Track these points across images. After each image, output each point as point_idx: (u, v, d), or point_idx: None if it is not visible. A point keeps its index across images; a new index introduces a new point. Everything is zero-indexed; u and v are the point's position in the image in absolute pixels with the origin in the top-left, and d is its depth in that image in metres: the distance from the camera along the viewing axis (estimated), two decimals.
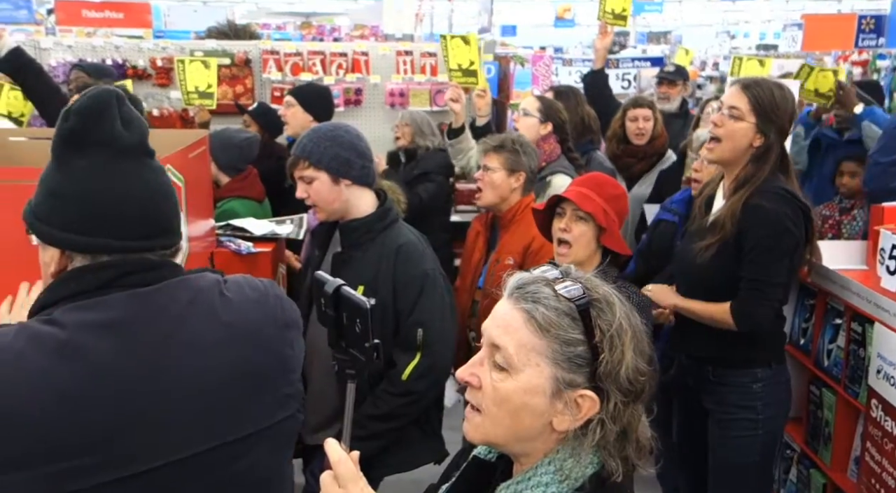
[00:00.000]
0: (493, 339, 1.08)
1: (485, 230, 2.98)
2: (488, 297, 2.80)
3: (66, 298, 1.17)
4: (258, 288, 1.34)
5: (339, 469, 1.07)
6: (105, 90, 1.21)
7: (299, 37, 8.73)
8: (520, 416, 1.06)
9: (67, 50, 5.02)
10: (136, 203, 1.19)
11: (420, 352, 2.19)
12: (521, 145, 2.83)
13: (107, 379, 1.12)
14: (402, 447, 2.27)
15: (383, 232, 2.28)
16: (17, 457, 1.08)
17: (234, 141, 3.43)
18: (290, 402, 1.32)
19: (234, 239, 2.63)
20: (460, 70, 3.81)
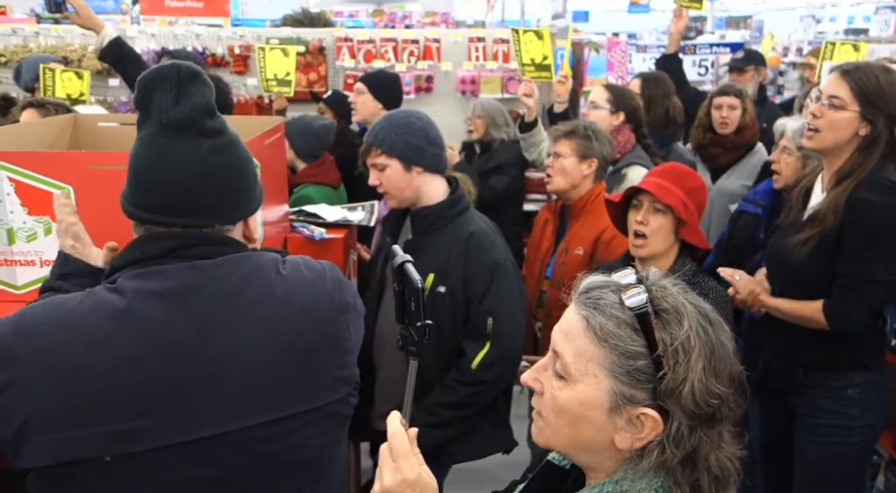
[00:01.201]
0: (554, 344, 1.05)
1: (554, 218, 2.94)
2: (556, 288, 2.76)
3: (131, 263, 1.22)
4: (315, 269, 1.35)
5: (392, 443, 1.08)
6: (170, 64, 1.24)
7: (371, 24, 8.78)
8: (578, 427, 1.02)
9: (151, 38, 5.20)
10: (166, 178, 1.20)
11: (490, 341, 2.18)
12: (593, 132, 2.78)
13: (161, 348, 1.16)
14: (471, 436, 2.27)
15: (454, 219, 2.28)
16: (76, 415, 1.12)
17: (311, 128, 3.49)
18: (341, 385, 1.32)
19: (308, 225, 2.67)
20: (533, 65, 3.76)
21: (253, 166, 1.32)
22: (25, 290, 1.85)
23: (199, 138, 1.22)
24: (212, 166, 1.22)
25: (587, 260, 2.67)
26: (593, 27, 13.45)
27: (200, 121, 1.22)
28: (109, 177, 1.75)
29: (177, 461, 1.16)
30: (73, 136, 2.44)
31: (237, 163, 1.26)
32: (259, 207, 1.33)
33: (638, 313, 0.98)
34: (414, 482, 1.05)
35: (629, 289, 1.01)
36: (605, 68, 4.83)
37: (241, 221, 1.30)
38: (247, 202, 1.29)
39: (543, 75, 3.77)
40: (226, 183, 1.24)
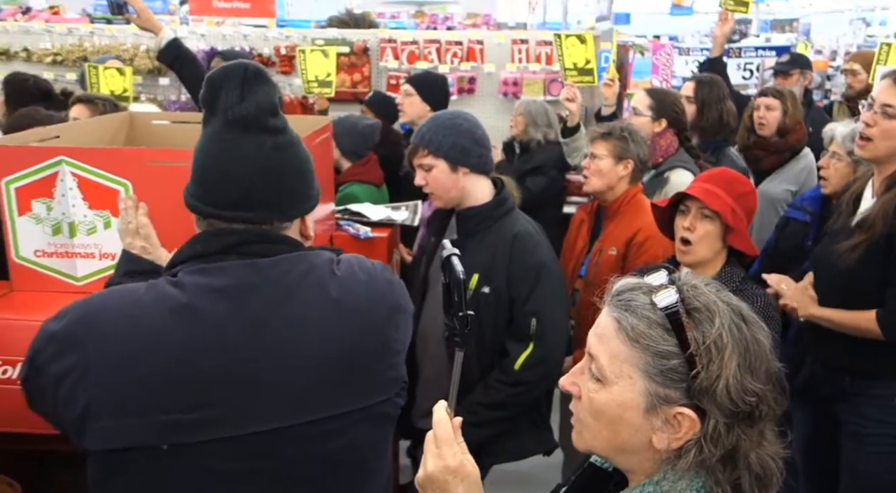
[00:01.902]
0: (589, 347, 1.05)
1: (589, 219, 2.94)
2: (589, 287, 2.76)
3: (192, 258, 1.26)
4: (368, 269, 1.37)
5: (437, 430, 1.09)
6: (238, 62, 1.27)
7: (413, 25, 8.83)
8: (616, 429, 1.02)
9: (201, 39, 5.30)
10: (230, 174, 1.23)
11: (533, 342, 2.19)
12: (629, 133, 2.77)
13: (218, 343, 1.19)
14: (512, 437, 2.28)
15: (499, 220, 2.29)
16: (134, 403, 1.16)
17: (357, 127, 3.53)
18: (391, 385, 1.34)
19: (353, 223, 2.70)
20: (575, 69, 3.76)
21: (311, 165, 1.34)
22: (85, 281, 1.91)
23: (263, 135, 1.24)
24: (273, 163, 1.25)
25: (620, 261, 2.67)
26: (634, 30, 13.32)
27: (264, 118, 1.24)
28: (165, 173, 1.82)
29: (231, 453, 1.19)
30: (129, 133, 2.51)
31: (297, 161, 1.29)
32: (316, 206, 1.36)
33: (668, 312, 0.99)
34: (456, 470, 1.06)
35: (660, 290, 1.01)
36: (650, 71, 4.79)
37: (298, 219, 1.33)
38: (305, 200, 1.32)
39: (586, 80, 3.76)
40: (286, 180, 1.27)
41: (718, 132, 3.58)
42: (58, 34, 5.43)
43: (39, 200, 1.84)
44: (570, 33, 3.84)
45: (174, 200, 1.69)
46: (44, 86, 3.76)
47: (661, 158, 3.12)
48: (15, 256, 1.88)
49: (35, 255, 1.88)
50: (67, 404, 1.17)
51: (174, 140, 2.46)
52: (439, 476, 1.06)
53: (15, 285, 1.89)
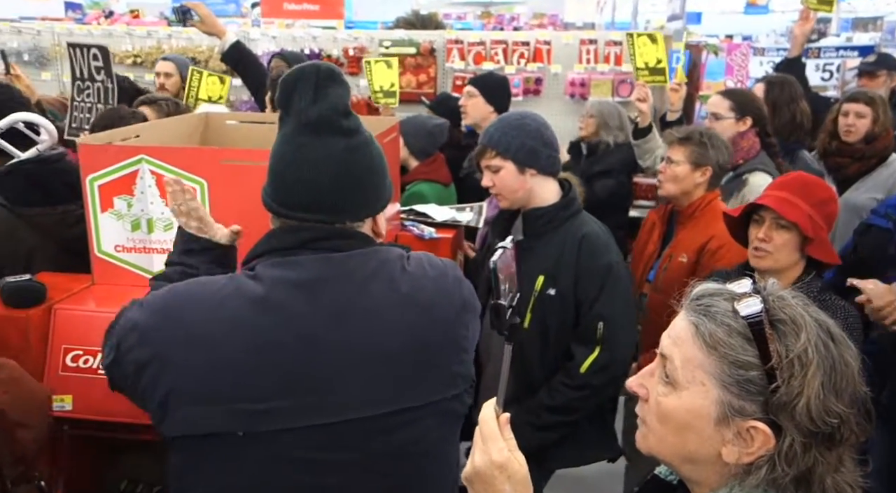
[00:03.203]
0: (662, 349, 1.03)
1: (661, 223, 2.87)
2: (657, 292, 2.70)
3: (268, 252, 1.29)
4: (438, 266, 1.38)
5: (482, 427, 1.08)
6: (310, 64, 1.29)
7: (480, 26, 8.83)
8: (683, 437, 0.99)
9: (272, 40, 5.42)
10: (302, 176, 1.26)
11: (600, 346, 2.15)
12: (709, 138, 2.69)
13: (294, 333, 1.22)
14: (575, 442, 2.25)
15: (567, 222, 2.26)
16: (208, 391, 1.20)
17: (426, 127, 3.55)
18: (459, 381, 1.35)
19: (418, 224, 2.72)
20: (647, 69, 3.69)
21: (384, 164, 1.35)
22: None
23: (335, 137, 1.26)
24: (345, 165, 1.27)
25: (691, 268, 2.61)
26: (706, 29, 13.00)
27: (336, 120, 1.26)
28: (238, 171, 1.86)
29: (304, 442, 1.22)
30: (203, 132, 2.58)
31: (369, 162, 1.31)
32: (387, 205, 1.37)
33: (751, 321, 0.95)
34: (502, 465, 1.05)
35: (744, 298, 0.97)
36: (724, 72, 4.66)
37: (369, 218, 1.34)
38: (376, 200, 1.34)
39: (658, 79, 3.69)
40: (358, 182, 1.29)
41: (791, 134, 3.45)
42: (137, 37, 5.65)
43: (121, 197, 1.91)
44: (641, 33, 3.76)
45: (247, 197, 1.74)
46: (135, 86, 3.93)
47: (741, 159, 3.03)
48: (97, 250, 1.96)
49: (115, 250, 1.95)
50: (148, 390, 1.21)
51: (246, 140, 2.52)
52: (485, 471, 1.05)
53: (96, 279, 1.97)
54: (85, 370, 1.73)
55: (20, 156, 2.13)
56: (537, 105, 5.08)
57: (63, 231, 2.13)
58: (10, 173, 2.11)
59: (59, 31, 5.76)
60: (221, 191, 1.88)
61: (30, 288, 1.77)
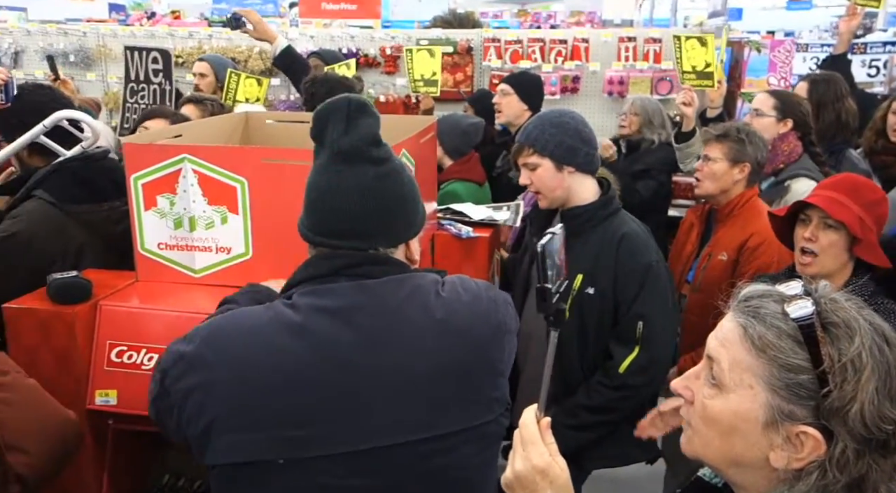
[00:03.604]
0: (709, 350, 1.01)
1: (699, 222, 2.83)
2: (697, 292, 2.66)
3: (305, 280, 1.31)
4: (472, 290, 1.38)
5: (522, 432, 1.08)
6: (342, 97, 1.32)
7: (516, 24, 8.80)
8: (730, 440, 0.97)
9: (310, 40, 5.47)
10: (334, 205, 1.28)
11: (639, 346, 2.13)
12: (747, 135, 2.65)
13: (332, 361, 1.23)
14: (614, 442, 2.23)
15: (605, 220, 2.24)
16: (255, 419, 1.21)
17: (460, 126, 3.55)
18: (495, 406, 1.34)
19: (455, 223, 2.71)
20: (694, 72, 3.62)
21: (415, 192, 1.37)
22: (202, 274, 1.99)
23: (365, 166, 1.29)
24: (376, 193, 1.29)
25: (730, 266, 2.57)
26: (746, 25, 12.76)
27: (367, 149, 1.29)
28: (279, 170, 1.88)
29: (341, 469, 1.23)
30: (244, 132, 2.61)
31: (400, 189, 1.32)
32: (420, 231, 1.38)
33: (802, 324, 0.92)
34: (543, 470, 1.04)
35: (794, 300, 0.95)
36: (767, 69, 4.56)
37: (402, 244, 1.36)
38: (408, 227, 1.35)
39: (705, 84, 3.62)
40: (389, 209, 1.31)
41: (836, 134, 3.36)
42: (179, 37, 5.74)
43: (163, 196, 1.94)
44: (690, 35, 3.69)
45: (286, 196, 1.76)
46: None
47: (781, 163, 2.96)
48: (140, 248, 1.99)
49: (158, 247, 1.99)
50: (192, 420, 1.23)
51: (285, 139, 2.55)
52: (527, 476, 1.05)
53: (140, 276, 2.01)
54: (129, 366, 1.77)
55: (65, 154, 2.18)
56: (575, 103, 5.04)
57: (109, 228, 2.18)
58: (57, 171, 2.15)
59: (103, 33, 5.88)
60: (262, 190, 1.90)
61: (76, 285, 1.81)
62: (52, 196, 2.11)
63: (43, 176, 2.14)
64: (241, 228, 1.93)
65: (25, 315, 1.76)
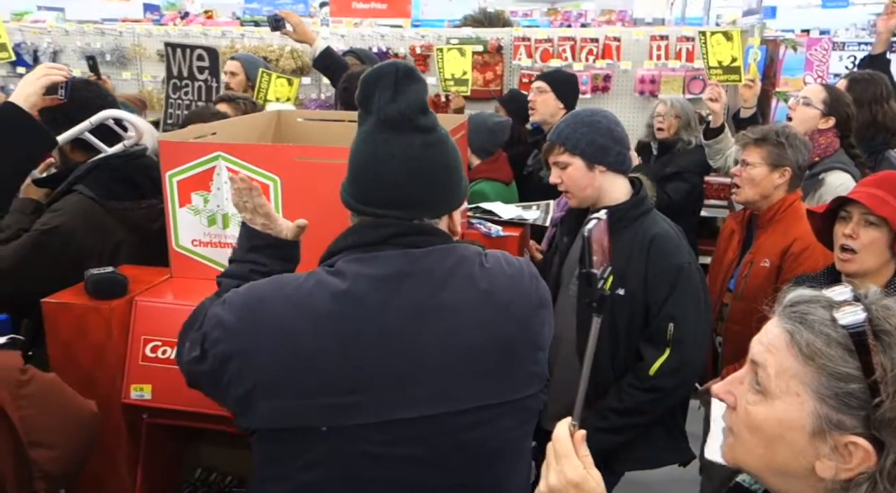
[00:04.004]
0: (754, 356, 0.98)
1: (740, 229, 2.78)
2: (739, 301, 2.62)
3: (348, 248, 1.30)
4: (514, 264, 1.37)
5: (556, 445, 1.07)
6: (390, 63, 1.31)
7: (547, 23, 8.74)
8: (774, 449, 0.94)
9: (341, 39, 5.51)
10: (380, 173, 1.27)
11: (670, 348, 2.10)
12: (786, 138, 2.59)
13: (377, 328, 1.23)
14: (645, 445, 2.21)
15: (637, 221, 2.22)
16: (297, 385, 1.21)
17: (487, 125, 3.54)
18: (535, 380, 1.34)
19: (484, 222, 2.71)
20: (720, 67, 3.58)
21: (460, 163, 1.36)
22: None
23: (412, 134, 1.27)
24: (422, 161, 1.28)
25: (773, 273, 2.52)
26: (781, 24, 12.53)
27: (414, 117, 1.27)
28: (311, 168, 1.89)
29: (384, 437, 1.23)
30: (276, 130, 2.64)
31: (445, 159, 1.31)
32: (463, 203, 1.37)
33: (853, 332, 0.89)
34: (578, 484, 1.03)
35: (844, 306, 0.92)
36: (803, 68, 4.48)
37: (446, 215, 1.35)
38: (453, 197, 1.34)
39: (731, 78, 3.57)
40: (434, 179, 1.29)
41: (876, 135, 3.29)
42: (213, 37, 5.81)
43: (198, 193, 1.96)
44: (715, 30, 3.65)
45: (319, 194, 1.77)
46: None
47: (817, 157, 2.91)
48: (175, 244, 2.02)
49: (192, 244, 2.01)
50: (234, 383, 1.24)
51: (317, 137, 2.56)
52: (561, 490, 1.04)
53: (174, 272, 2.03)
54: (163, 361, 1.79)
55: (107, 151, 2.22)
56: (606, 102, 5.01)
57: (146, 225, 2.21)
58: (98, 167, 2.19)
59: (138, 32, 5.98)
60: (294, 188, 1.92)
61: (113, 280, 1.84)
62: (92, 192, 2.14)
63: (84, 171, 2.18)
64: None
65: (63, 310, 1.80)
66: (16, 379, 1.40)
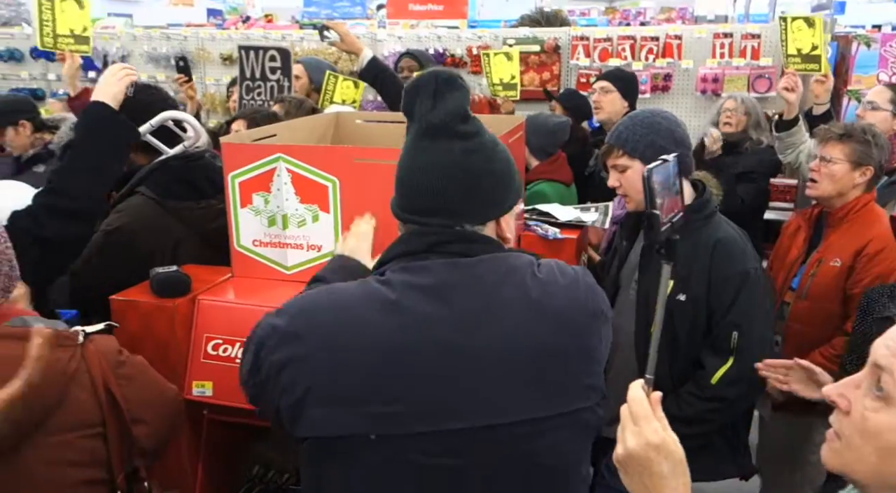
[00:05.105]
0: (878, 359, 0.92)
1: (807, 226, 2.69)
2: (803, 300, 2.53)
3: (397, 256, 1.30)
4: (569, 274, 1.34)
5: (633, 407, 1.05)
6: (431, 71, 1.31)
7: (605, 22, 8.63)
8: (890, 459, 0.89)
9: (398, 41, 5.54)
10: (419, 181, 1.27)
11: (733, 357, 2.04)
12: (873, 136, 2.49)
13: (424, 339, 1.21)
14: (705, 455, 2.13)
15: (699, 225, 2.16)
16: (343, 394, 1.21)
17: (547, 125, 3.51)
18: (591, 393, 1.30)
19: (541, 223, 2.68)
20: (799, 56, 3.42)
21: (508, 168, 1.34)
22: (294, 270, 2.04)
23: (452, 141, 1.27)
24: (461, 169, 1.27)
25: (844, 273, 2.43)
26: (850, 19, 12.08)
27: (454, 124, 1.27)
28: (370, 170, 1.90)
29: (433, 447, 1.22)
30: (335, 132, 2.66)
31: (488, 165, 1.29)
32: (513, 208, 1.36)
33: None
34: (658, 446, 1.01)
35: None
36: (877, 64, 4.30)
37: (492, 221, 1.33)
38: (497, 203, 1.32)
39: (811, 68, 3.40)
40: (474, 185, 1.28)
41: None
42: (273, 40, 5.91)
43: (259, 194, 1.99)
44: (796, 16, 3.49)
45: (376, 195, 1.77)
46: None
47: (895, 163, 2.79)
48: (236, 244, 2.06)
49: (253, 244, 2.05)
50: (285, 391, 1.24)
51: (376, 138, 2.57)
52: (641, 453, 1.01)
53: (235, 271, 2.07)
54: (224, 359, 1.82)
55: (168, 152, 2.28)
56: (665, 102, 4.91)
57: (205, 225, 2.26)
58: (159, 169, 2.26)
59: (202, 37, 6.13)
60: (353, 189, 1.93)
61: (177, 279, 1.88)
62: (154, 193, 2.21)
63: (146, 173, 2.25)
64: (331, 227, 1.97)
65: (130, 307, 1.85)
66: (116, 360, 1.49)
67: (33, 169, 3.71)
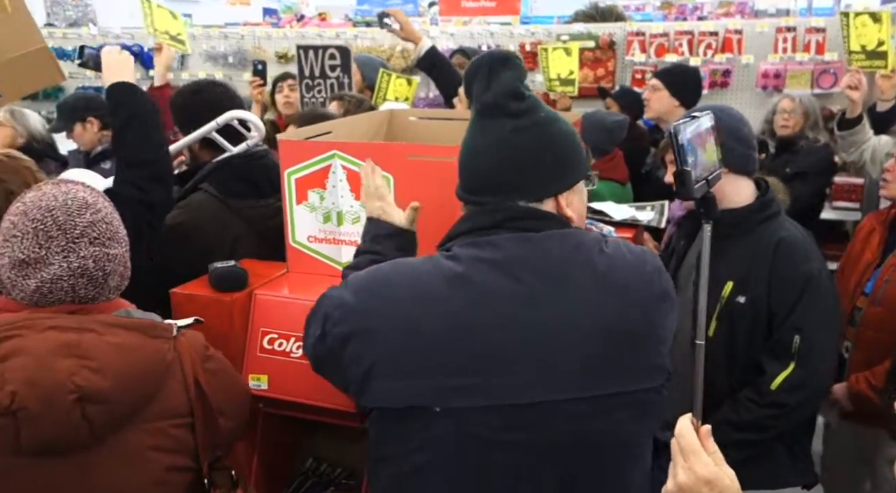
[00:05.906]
0: None
1: (882, 228, 2.58)
2: (879, 305, 2.43)
3: (463, 233, 1.32)
4: (636, 252, 1.34)
5: (681, 442, 1.04)
6: (487, 53, 1.34)
7: (661, 17, 8.46)
8: None
9: (450, 38, 5.54)
10: (471, 160, 1.32)
11: (795, 361, 1.97)
12: None
13: (492, 312, 1.22)
14: (765, 463, 2.08)
15: (762, 225, 2.10)
16: (412, 365, 1.23)
17: (604, 123, 3.47)
18: (657, 373, 1.29)
19: (595, 222, 2.64)
20: (864, 52, 3.30)
21: (565, 144, 1.33)
22: None
23: (503, 120, 1.29)
24: (510, 147, 1.29)
25: None
26: None
27: (505, 103, 1.29)
28: (424, 167, 1.89)
29: (496, 421, 1.22)
30: (388, 129, 2.67)
31: (539, 142, 1.29)
32: (573, 185, 1.34)
33: None
34: (710, 481, 0.99)
35: None
36: None
37: (551, 198, 1.32)
38: (552, 180, 1.32)
39: (876, 64, 3.28)
40: (524, 162, 1.29)
41: None
42: (327, 38, 5.98)
43: (314, 190, 2.01)
44: (860, 12, 3.37)
45: (431, 192, 1.77)
46: None
47: None
48: (292, 240, 2.08)
49: (308, 240, 2.07)
50: (353, 362, 1.27)
51: (429, 136, 2.57)
52: (692, 488, 1.00)
53: (291, 267, 2.10)
54: (280, 353, 1.85)
55: (232, 150, 2.32)
56: (725, 98, 4.80)
57: (264, 223, 2.30)
58: (222, 167, 2.30)
59: (258, 35, 6.24)
60: (407, 186, 1.93)
61: (235, 274, 1.91)
62: (216, 190, 2.26)
63: (209, 170, 2.30)
64: None
65: (190, 300, 1.89)
66: (204, 354, 1.55)
67: (101, 165, 3.83)
